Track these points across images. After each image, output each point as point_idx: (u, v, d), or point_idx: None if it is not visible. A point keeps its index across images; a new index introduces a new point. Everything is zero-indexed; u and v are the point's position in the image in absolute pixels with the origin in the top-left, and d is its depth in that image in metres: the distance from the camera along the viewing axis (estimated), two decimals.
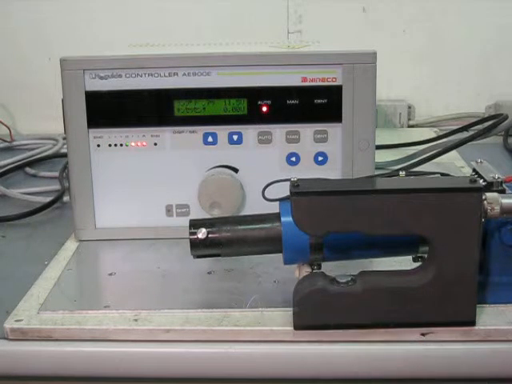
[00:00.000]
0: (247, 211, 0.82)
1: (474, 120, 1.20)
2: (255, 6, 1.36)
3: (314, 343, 0.64)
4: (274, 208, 0.68)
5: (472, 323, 0.64)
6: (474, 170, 0.72)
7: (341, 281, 0.64)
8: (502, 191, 0.66)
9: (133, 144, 0.83)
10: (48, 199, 0.97)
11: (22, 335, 0.66)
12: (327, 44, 0.76)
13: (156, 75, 0.80)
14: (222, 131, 0.82)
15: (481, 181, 0.66)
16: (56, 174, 1.08)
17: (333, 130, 0.81)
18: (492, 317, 0.66)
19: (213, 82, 0.81)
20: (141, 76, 0.80)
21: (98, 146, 0.83)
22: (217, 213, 0.81)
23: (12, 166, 1.16)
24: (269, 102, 0.80)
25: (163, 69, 0.80)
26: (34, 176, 1.14)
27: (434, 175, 0.87)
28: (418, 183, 0.65)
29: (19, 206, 0.98)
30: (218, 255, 0.69)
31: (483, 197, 0.63)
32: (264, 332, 0.65)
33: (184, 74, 0.80)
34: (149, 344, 0.65)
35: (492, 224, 0.65)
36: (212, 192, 0.81)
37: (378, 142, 0.83)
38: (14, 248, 0.87)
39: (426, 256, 0.66)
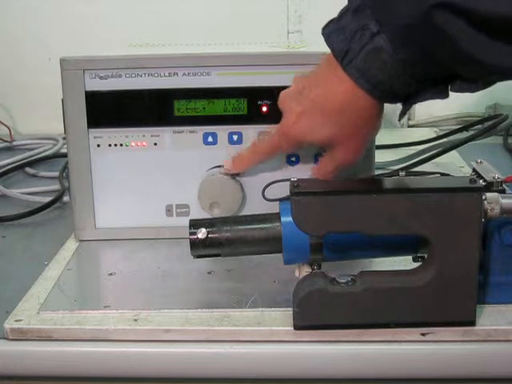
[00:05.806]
0: (247, 211, 0.82)
1: (474, 120, 1.20)
2: (255, 6, 1.36)
3: (314, 343, 0.64)
4: (274, 208, 0.68)
5: (472, 323, 0.64)
6: (474, 169, 0.72)
7: (341, 281, 0.64)
8: (502, 191, 0.66)
9: (133, 144, 0.83)
10: (48, 199, 0.97)
11: (22, 335, 0.66)
12: None
13: (156, 75, 0.80)
14: (222, 131, 0.82)
15: (481, 181, 0.66)
16: (56, 174, 1.08)
17: None
18: (492, 317, 0.66)
19: (212, 82, 0.80)
20: (141, 76, 0.80)
21: (98, 146, 0.83)
22: (217, 213, 0.81)
23: (12, 165, 1.16)
24: (269, 102, 0.80)
25: (163, 69, 0.80)
26: (34, 176, 1.14)
27: (434, 175, 0.87)
28: (418, 183, 0.65)
29: (19, 206, 0.98)
30: (218, 255, 0.69)
31: (483, 197, 0.63)
32: (264, 332, 0.65)
33: (184, 74, 0.80)
34: (149, 344, 0.65)
35: (492, 224, 0.65)
36: (212, 192, 0.81)
37: (378, 142, 0.83)
38: (14, 248, 0.87)
39: (426, 256, 0.66)
